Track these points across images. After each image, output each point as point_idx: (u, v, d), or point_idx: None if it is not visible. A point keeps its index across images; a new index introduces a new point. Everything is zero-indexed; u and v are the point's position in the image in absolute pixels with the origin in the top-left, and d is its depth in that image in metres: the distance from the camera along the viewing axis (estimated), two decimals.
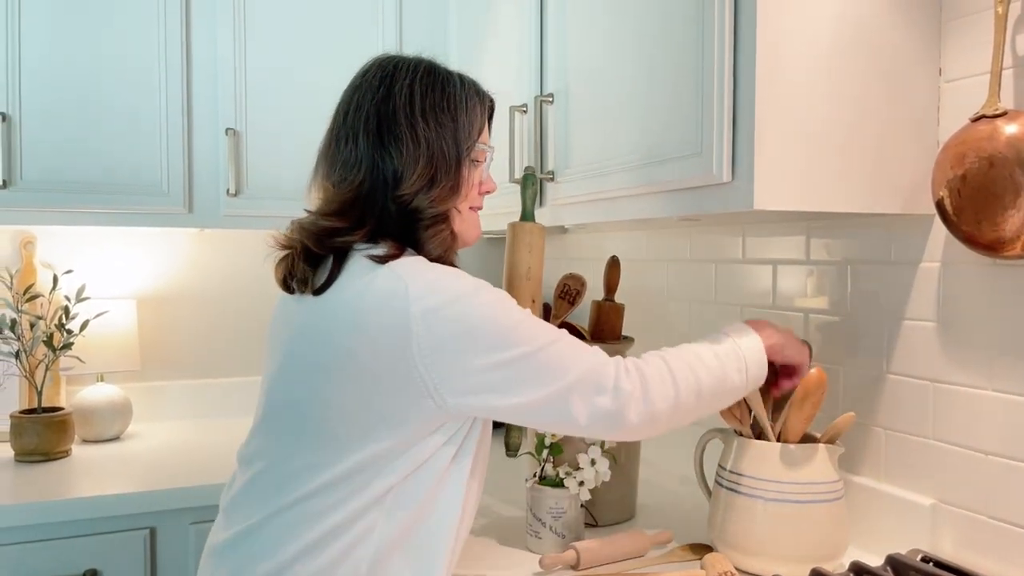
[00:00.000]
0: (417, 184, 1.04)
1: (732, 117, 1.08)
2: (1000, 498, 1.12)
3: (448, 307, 0.96)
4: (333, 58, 2.07)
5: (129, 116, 1.90)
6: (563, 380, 0.99)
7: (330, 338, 0.99)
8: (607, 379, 1.01)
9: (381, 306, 0.96)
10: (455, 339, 0.95)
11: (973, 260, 1.15)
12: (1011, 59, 1.08)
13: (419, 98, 1.06)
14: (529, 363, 0.98)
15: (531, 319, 1.02)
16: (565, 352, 1.01)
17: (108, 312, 2.08)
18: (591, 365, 1.01)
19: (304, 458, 1.00)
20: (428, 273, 0.99)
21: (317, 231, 1.04)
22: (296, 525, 0.99)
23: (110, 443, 2.03)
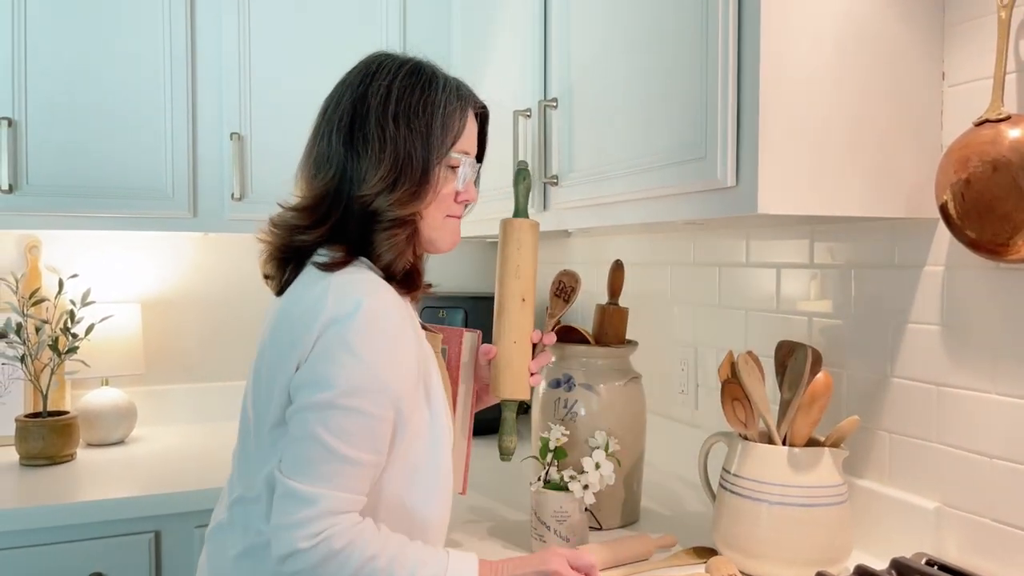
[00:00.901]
0: (378, 186, 1.03)
1: (736, 122, 1.08)
2: (1004, 501, 1.12)
3: (334, 345, 0.96)
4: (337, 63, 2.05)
5: (134, 121, 1.91)
6: (292, 477, 0.95)
7: (269, 342, 1.03)
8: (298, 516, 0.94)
9: (305, 318, 0.98)
10: (314, 369, 0.96)
11: (977, 264, 1.15)
12: (1014, 63, 1.09)
13: (394, 100, 1.05)
14: (307, 445, 0.95)
15: (364, 421, 0.96)
16: (330, 472, 0.95)
17: (113, 316, 2.08)
18: (314, 498, 0.94)
19: (247, 461, 1.06)
20: (355, 297, 0.97)
21: (283, 229, 1.07)
22: (238, 527, 1.05)
23: (115, 447, 2.03)
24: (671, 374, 1.85)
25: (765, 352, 1.39)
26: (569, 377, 1.46)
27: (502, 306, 1.23)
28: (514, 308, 1.22)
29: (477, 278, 2.61)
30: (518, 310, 1.22)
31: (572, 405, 1.44)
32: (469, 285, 2.58)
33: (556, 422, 1.45)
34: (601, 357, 1.47)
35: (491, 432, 1.44)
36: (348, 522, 0.95)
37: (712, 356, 1.72)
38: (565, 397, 1.45)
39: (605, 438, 1.33)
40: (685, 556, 1.29)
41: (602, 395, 1.43)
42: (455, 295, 2.22)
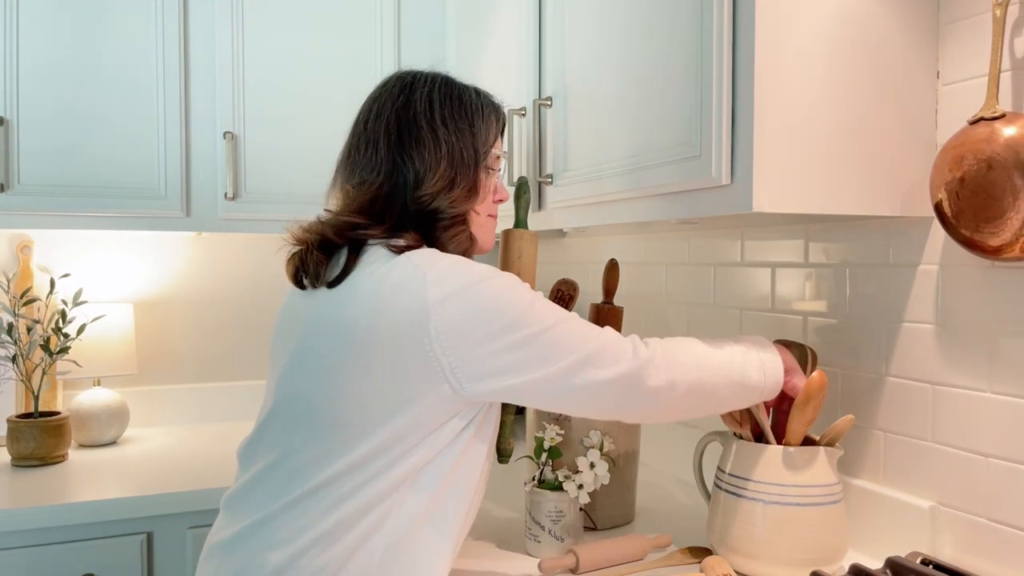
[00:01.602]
0: (438, 185, 1.08)
1: (731, 120, 1.08)
2: (1000, 501, 1.12)
3: (464, 292, 0.97)
4: (332, 63, 2.08)
5: (127, 119, 1.90)
6: (578, 352, 1.00)
7: (345, 327, 0.99)
8: (624, 348, 1.03)
9: (399, 293, 0.97)
10: (471, 322, 0.97)
11: (972, 262, 1.15)
12: (1009, 62, 1.09)
13: (439, 105, 1.11)
14: (543, 340, 0.99)
15: (542, 301, 1.03)
16: (577, 329, 1.02)
17: (105, 316, 2.07)
18: (607, 338, 1.03)
19: (316, 448, 1.00)
20: (443, 261, 1.01)
21: (337, 224, 1.08)
22: (309, 515, 0.99)
23: (107, 448, 2.02)
24: None
25: None
26: None
27: None
28: None
29: None
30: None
31: None
32: None
33: (551, 422, 1.44)
34: None
35: None
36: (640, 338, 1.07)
37: None
38: None
39: (600, 437, 1.33)
40: (680, 556, 1.28)
41: None
42: None
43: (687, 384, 1.06)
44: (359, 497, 0.98)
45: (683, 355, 1.07)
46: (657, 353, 1.05)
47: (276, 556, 0.98)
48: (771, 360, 1.14)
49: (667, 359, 1.05)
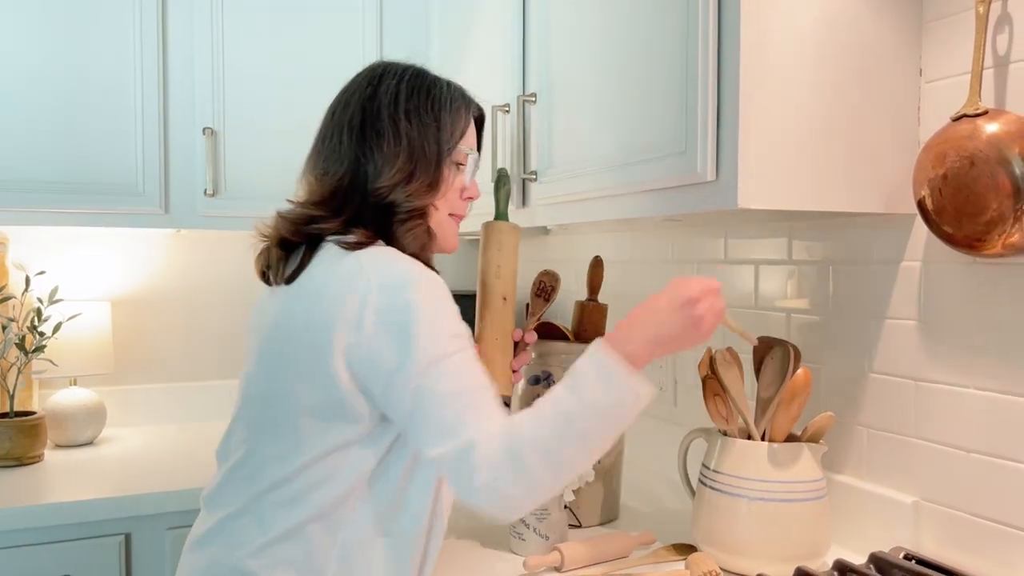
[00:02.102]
0: (396, 177, 1.06)
1: (716, 115, 1.08)
2: (981, 495, 1.13)
3: (396, 310, 0.95)
4: (313, 57, 2.06)
5: (104, 114, 1.87)
6: (442, 444, 0.93)
7: (296, 327, 1.01)
8: (469, 464, 0.91)
9: (343, 293, 0.97)
10: (390, 340, 0.95)
11: (954, 259, 1.16)
12: (992, 59, 1.09)
13: (404, 98, 1.10)
14: (428, 403, 0.94)
15: (460, 359, 0.96)
16: (460, 413, 0.94)
17: (81, 314, 2.04)
18: (467, 442, 0.92)
19: (271, 448, 1.02)
20: (391, 267, 0.99)
21: (294, 218, 1.08)
22: (267, 515, 1.00)
23: (84, 448, 1.99)
24: (650, 371, 1.84)
25: (744, 349, 1.39)
26: (548, 374, 1.45)
27: (484, 305, 1.24)
28: (496, 307, 1.23)
29: (457, 277, 2.59)
30: (500, 309, 1.23)
31: None
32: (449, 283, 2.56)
33: None
34: (580, 354, 1.45)
35: None
36: (505, 435, 0.92)
37: (690, 353, 1.71)
38: (544, 393, 1.43)
39: None
40: (665, 553, 1.28)
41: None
42: None
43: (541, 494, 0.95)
44: (311, 501, 0.99)
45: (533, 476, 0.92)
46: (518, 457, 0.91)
47: (239, 554, 1.01)
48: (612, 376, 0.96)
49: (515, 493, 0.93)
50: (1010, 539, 1.09)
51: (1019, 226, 1.01)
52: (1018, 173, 0.99)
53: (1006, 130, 1.01)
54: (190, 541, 1.08)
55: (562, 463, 0.93)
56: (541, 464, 0.91)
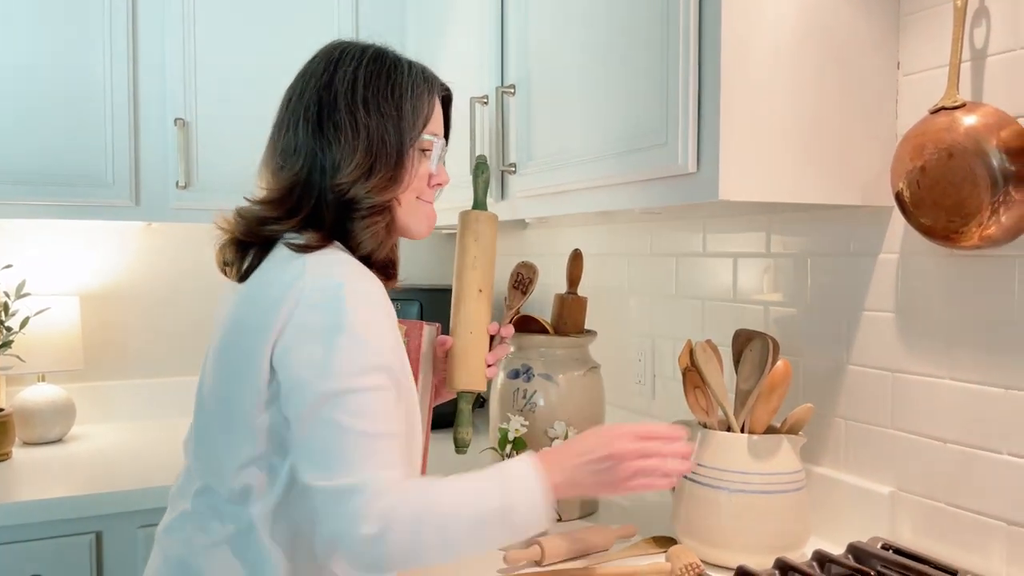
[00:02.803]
0: (355, 173, 1.01)
1: (698, 107, 1.08)
2: (957, 485, 1.14)
3: (319, 328, 0.92)
4: (287, 46, 2.02)
5: (72, 104, 1.83)
6: (325, 477, 0.90)
7: (245, 325, 0.99)
8: (350, 508, 0.88)
9: (281, 297, 0.95)
10: (304, 356, 0.92)
11: (931, 251, 1.17)
12: (969, 52, 1.10)
13: (362, 86, 1.04)
14: (322, 433, 0.91)
15: (374, 397, 0.92)
16: (357, 454, 0.90)
17: (49, 309, 1.99)
18: (355, 485, 0.89)
19: (221, 446, 1.01)
20: (335, 278, 0.95)
21: (250, 218, 1.04)
22: (218, 512, 1.00)
23: (52, 445, 1.95)
24: (628, 365, 1.84)
25: (723, 342, 1.39)
26: (528, 367, 1.44)
27: (459, 297, 1.22)
28: (471, 299, 1.21)
29: (433, 270, 2.57)
30: (475, 301, 1.21)
31: (531, 395, 1.42)
32: (425, 277, 2.55)
33: (515, 413, 1.43)
34: (560, 347, 1.45)
35: (447, 426, 1.42)
36: (400, 493, 0.90)
37: (669, 347, 1.72)
38: (524, 387, 1.43)
39: (564, 428, 1.32)
40: (645, 546, 1.28)
41: (561, 385, 1.42)
42: (411, 287, 2.18)
43: None
44: (259, 501, 0.98)
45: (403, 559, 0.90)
46: (402, 531, 0.89)
47: (190, 549, 1.01)
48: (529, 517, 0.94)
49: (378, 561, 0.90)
50: (986, 528, 1.10)
51: (996, 218, 1.01)
52: (995, 165, 1.00)
53: (984, 122, 1.02)
54: (156, 533, 1.09)
55: (451, 550, 0.91)
56: (436, 543, 0.89)
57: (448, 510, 0.91)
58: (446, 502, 0.91)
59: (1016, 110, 1.04)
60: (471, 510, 0.91)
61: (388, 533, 0.88)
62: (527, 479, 0.94)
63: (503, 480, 0.94)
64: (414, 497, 0.91)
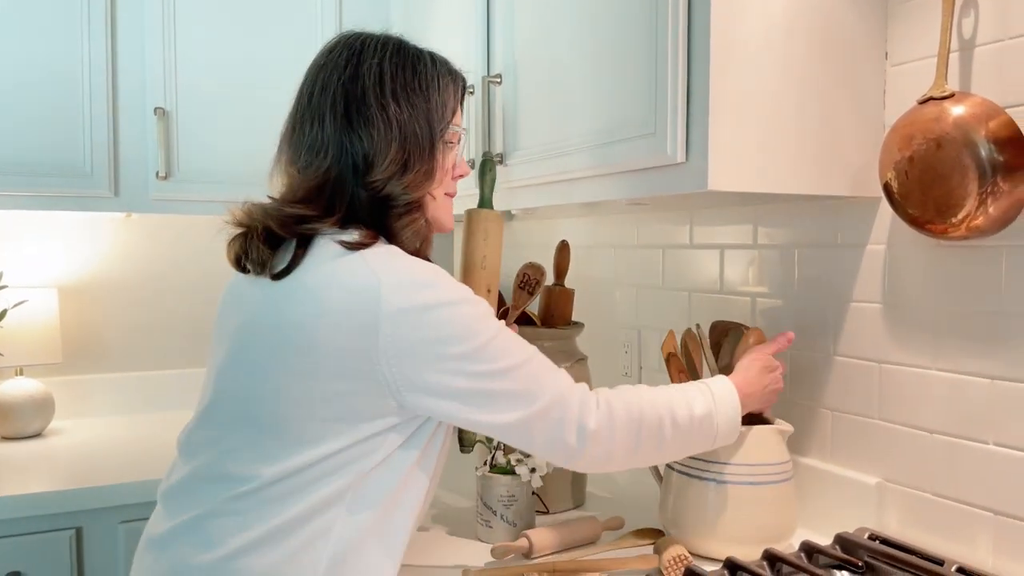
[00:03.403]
0: (390, 169, 0.99)
1: (686, 97, 1.07)
2: (944, 475, 1.14)
3: (422, 311, 0.92)
4: (269, 32, 1.99)
5: (49, 93, 1.79)
6: (529, 407, 0.96)
7: (289, 326, 0.94)
8: (572, 412, 0.98)
9: (350, 298, 0.91)
10: (426, 345, 0.92)
11: (918, 242, 1.17)
12: (957, 42, 1.10)
13: (389, 78, 1.01)
14: (497, 382, 0.95)
15: (504, 334, 0.97)
16: (535, 375, 0.97)
17: (27, 301, 1.96)
18: (559, 395, 0.98)
19: (253, 449, 0.95)
20: (403, 270, 0.94)
21: (283, 218, 0.99)
22: (244, 518, 0.94)
23: (31, 440, 1.92)
24: (615, 357, 1.84)
25: None
26: None
27: None
28: None
29: None
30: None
31: None
32: None
33: None
34: (548, 339, 1.44)
35: None
36: (595, 394, 1.01)
37: (656, 338, 1.71)
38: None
39: None
40: (633, 538, 1.28)
41: None
42: None
43: (624, 458, 1.02)
44: (297, 504, 0.94)
45: (627, 431, 1.01)
46: (602, 427, 0.99)
47: (208, 557, 0.94)
48: (726, 421, 1.08)
49: (611, 434, 1.00)
50: (972, 518, 1.11)
51: (984, 209, 1.01)
52: (983, 155, 1.00)
53: (972, 112, 1.02)
54: (148, 540, 1.01)
55: (663, 448, 1.04)
56: (652, 436, 1.02)
57: (663, 410, 1.03)
58: (661, 400, 1.04)
59: (1004, 100, 1.04)
60: (684, 412, 1.04)
61: (614, 423, 0.99)
62: (730, 393, 1.09)
63: (710, 390, 1.08)
64: (628, 393, 1.02)
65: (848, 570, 1.12)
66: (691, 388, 1.08)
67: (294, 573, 0.93)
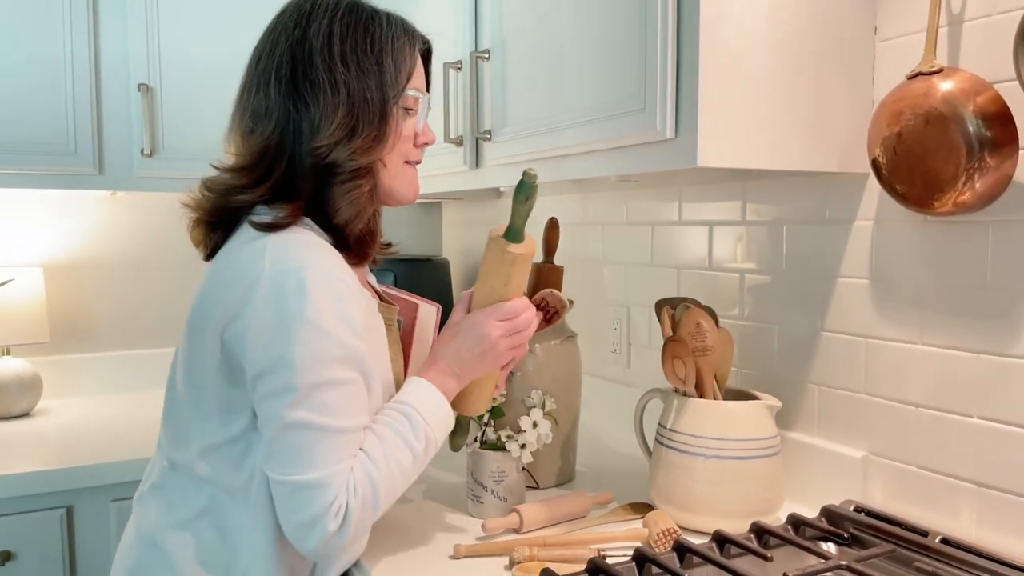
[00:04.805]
0: (336, 135, 0.95)
1: (676, 73, 1.07)
2: (928, 448, 1.16)
3: (280, 316, 0.89)
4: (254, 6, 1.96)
5: (30, 69, 1.76)
6: (289, 472, 0.90)
7: (203, 307, 0.96)
8: (317, 506, 0.90)
9: (235, 279, 0.92)
10: (265, 346, 0.89)
11: (906, 217, 1.17)
12: (946, 17, 1.10)
13: (339, 39, 0.97)
14: (286, 426, 0.90)
15: (338, 391, 0.91)
16: (319, 450, 0.90)
17: (12, 280, 1.94)
18: (319, 483, 0.90)
19: (188, 423, 0.99)
20: (293, 269, 0.90)
21: (216, 189, 0.99)
22: (184, 489, 0.99)
23: (19, 420, 1.92)
24: (604, 334, 1.84)
25: None
26: None
27: None
28: None
29: (408, 240, 2.55)
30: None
31: None
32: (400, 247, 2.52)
33: None
34: None
35: None
36: (353, 479, 0.93)
37: (644, 315, 1.72)
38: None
39: (542, 397, 1.32)
40: (622, 512, 1.29)
41: (538, 354, 1.41)
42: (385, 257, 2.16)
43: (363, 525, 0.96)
44: (223, 481, 0.96)
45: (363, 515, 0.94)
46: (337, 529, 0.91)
47: (158, 524, 1.00)
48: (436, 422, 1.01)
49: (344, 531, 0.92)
50: (956, 490, 1.12)
51: (971, 185, 1.02)
52: (971, 131, 1.00)
53: (961, 88, 1.02)
54: (135, 496, 1.08)
55: (397, 495, 0.99)
56: (388, 502, 0.97)
57: (394, 472, 0.96)
58: (387, 466, 0.95)
59: (992, 76, 1.04)
60: (408, 459, 0.97)
61: (349, 521, 0.92)
62: (436, 406, 1.02)
63: (420, 417, 0.99)
64: (361, 479, 0.93)
65: (834, 541, 1.13)
66: (398, 422, 0.98)
67: (213, 562, 0.96)
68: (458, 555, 1.13)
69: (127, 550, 1.04)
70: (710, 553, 1.04)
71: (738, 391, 1.30)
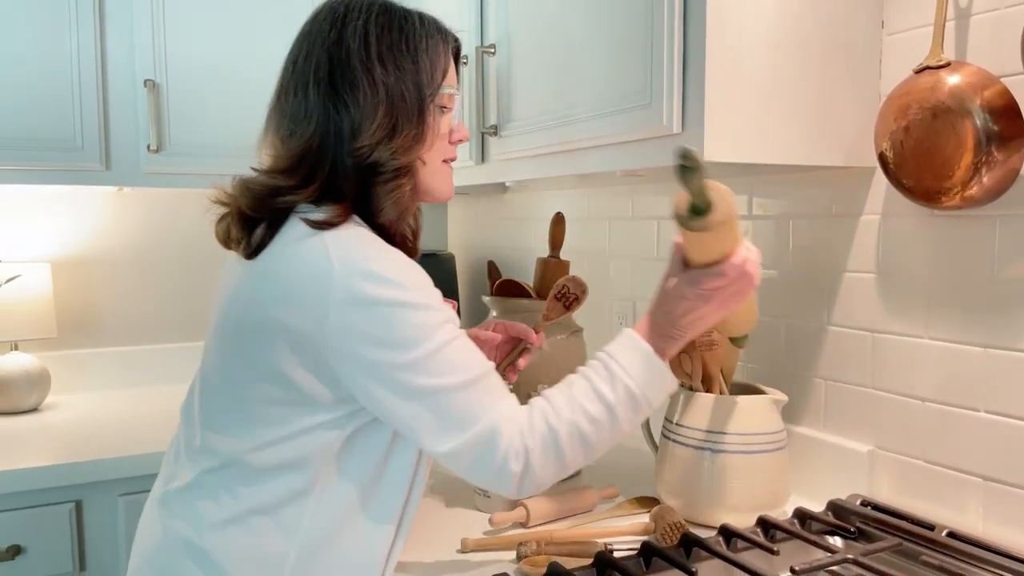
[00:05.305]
0: (377, 135, 0.96)
1: (683, 68, 1.07)
2: (935, 443, 1.16)
3: (371, 305, 0.89)
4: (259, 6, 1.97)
5: (37, 65, 1.76)
6: (460, 437, 0.91)
7: (257, 305, 0.94)
8: (498, 452, 0.91)
9: (303, 281, 0.91)
10: (367, 344, 0.90)
11: (913, 211, 1.17)
12: (954, 11, 1.09)
13: (375, 40, 0.98)
14: (429, 400, 0.91)
15: (455, 348, 0.92)
16: (470, 402, 0.92)
17: (20, 276, 1.95)
18: (488, 429, 0.91)
19: (226, 425, 0.97)
20: (361, 258, 0.91)
21: (259, 190, 0.98)
22: (225, 492, 0.96)
23: (28, 415, 1.92)
24: (610, 328, 1.85)
25: None
26: None
27: None
28: None
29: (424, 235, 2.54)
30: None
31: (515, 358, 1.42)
32: None
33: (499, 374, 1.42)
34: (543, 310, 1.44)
35: None
36: (526, 418, 0.93)
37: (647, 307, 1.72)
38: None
39: None
40: (628, 506, 1.29)
41: (544, 348, 1.42)
42: None
43: (550, 479, 0.95)
44: (269, 485, 0.95)
45: (548, 462, 0.94)
46: (521, 468, 0.92)
47: (195, 527, 0.96)
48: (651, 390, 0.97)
49: (530, 474, 0.93)
50: (962, 484, 1.12)
51: (978, 178, 1.02)
52: (979, 125, 1.00)
53: (968, 82, 1.02)
54: (151, 500, 1.05)
55: (593, 451, 0.95)
56: (575, 451, 0.93)
57: (579, 418, 0.93)
58: (570, 410, 0.94)
59: (1000, 70, 1.03)
60: (597, 408, 0.94)
61: (532, 463, 0.91)
62: (641, 358, 0.97)
63: (619, 367, 0.96)
64: (538, 422, 0.93)
65: (840, 535, 1.14)
66: (593, 369, 0.98)
67: (262, 558, 0.95)
68: (465, 549, 1.13)
69: (154, 554, 1.00)
70: (717, 547, 1.04)
71: (744, 385, 1.30)
